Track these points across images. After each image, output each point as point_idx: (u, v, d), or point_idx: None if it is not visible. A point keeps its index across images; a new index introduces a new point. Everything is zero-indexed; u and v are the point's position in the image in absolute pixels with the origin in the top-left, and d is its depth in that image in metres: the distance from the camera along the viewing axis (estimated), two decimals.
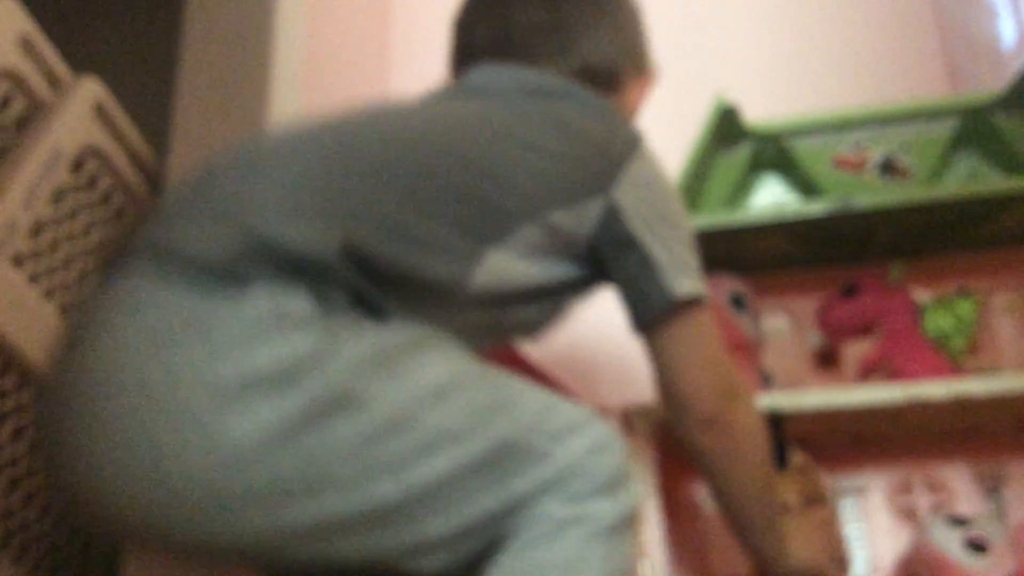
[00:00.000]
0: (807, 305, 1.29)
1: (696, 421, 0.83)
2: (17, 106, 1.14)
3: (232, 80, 1.29)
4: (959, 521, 1.05)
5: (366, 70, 1.09)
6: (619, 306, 0.83)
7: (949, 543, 1.02)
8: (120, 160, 1.27)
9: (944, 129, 1.25)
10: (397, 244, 0.69)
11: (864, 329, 1.22)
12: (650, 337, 0.82)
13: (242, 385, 0.60)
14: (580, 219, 0.78)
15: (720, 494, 0.88)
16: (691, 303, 0.80)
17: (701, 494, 1.25)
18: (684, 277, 0.79)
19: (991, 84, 1.27)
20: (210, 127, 1.24)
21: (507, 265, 0.75)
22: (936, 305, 1.20)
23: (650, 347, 0.82)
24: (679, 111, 1.44)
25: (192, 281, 0.63)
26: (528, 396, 0.71)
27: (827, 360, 1.31)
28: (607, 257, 0.80)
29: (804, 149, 1.27)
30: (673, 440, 0.92)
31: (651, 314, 0.80)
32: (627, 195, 0.79)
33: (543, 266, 0.78)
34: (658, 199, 0.81)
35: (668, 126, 1.63)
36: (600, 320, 1.69)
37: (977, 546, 1.01)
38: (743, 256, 1.27)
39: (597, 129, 0.82)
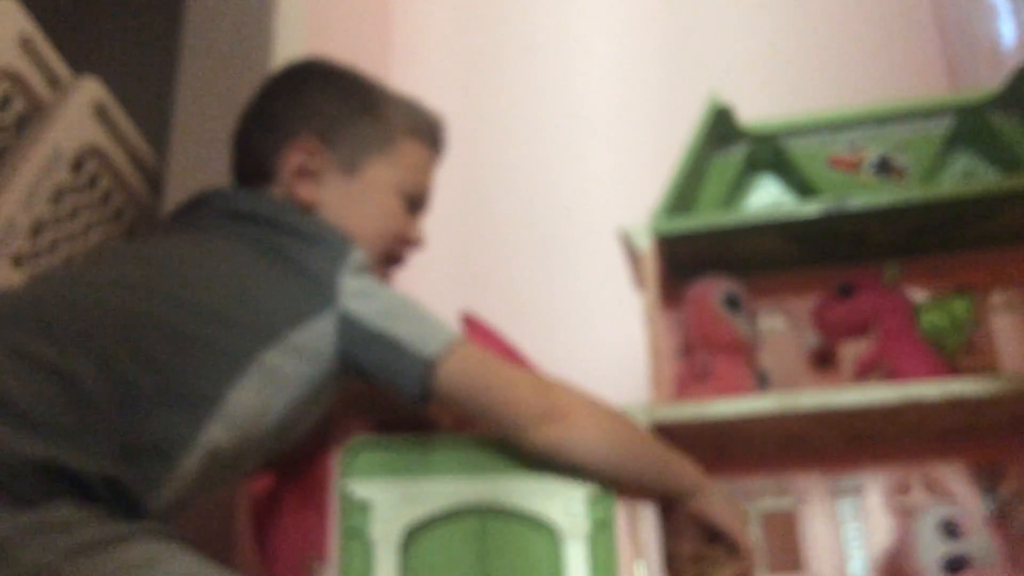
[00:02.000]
0: (803, 305, 1.29)
1: (531, 424, 0.83)
2: (17, 106, 1.15)
3: (232, 80, 1.29)
4: (951, 532, 1.05)
5: (366, 70, 1.10)
6: (618, 308, 0.83)
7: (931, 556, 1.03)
8: (120, 160, 1.28)
9: (940, 128, 1.25)
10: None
11: (860, 329, 1.22)
12: (438, 400, 0.83)
13: None
14: (315, 334, 0.80)
15: (602, 477, 0.85)
16: (450, 350, 0.82)
17: None
18: (430, 337, 0.82)
19: (991, 84, 1.27)
20: (210, 127, 1.25)
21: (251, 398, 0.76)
22: (931, 304, 1.20)
23: (449, 404, 0.84)
24: (673, 112, 1.44)
25: None
26: None
27: (823, 360, 1.31)
28: (360, 360, 0.82)
29: (799, 149, 1.27)
30: (671, 441, 0.93)
31: (422, 383, 0.81)
32: (353, 300, 0.82)
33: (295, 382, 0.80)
34: (377, 291, 0.84)
35: (662, 127, 1.64)
36: (600, 320, 1.69)
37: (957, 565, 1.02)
38: (738, 256, 1.28)
39: (307, 251, 0.84)
